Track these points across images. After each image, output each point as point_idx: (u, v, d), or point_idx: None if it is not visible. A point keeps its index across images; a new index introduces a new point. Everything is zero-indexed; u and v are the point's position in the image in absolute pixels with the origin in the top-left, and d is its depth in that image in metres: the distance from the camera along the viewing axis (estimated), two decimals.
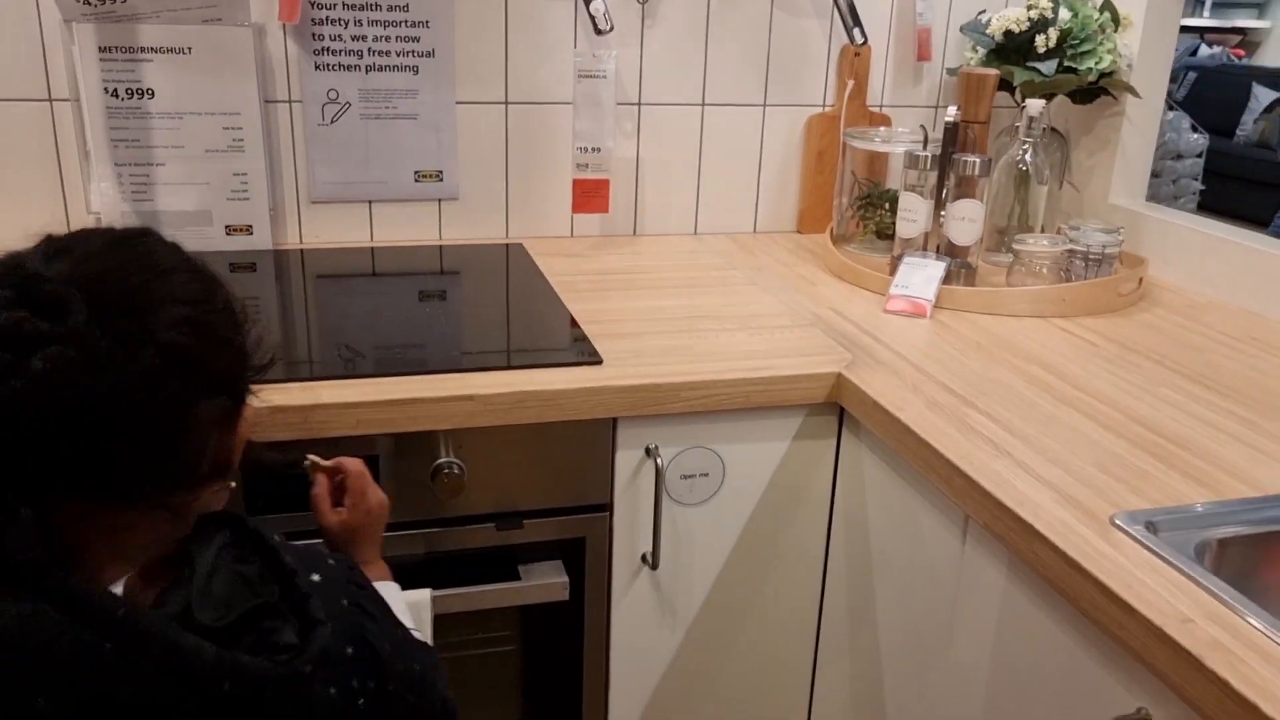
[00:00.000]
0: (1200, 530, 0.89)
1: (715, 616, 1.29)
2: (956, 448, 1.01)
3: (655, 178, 1.72)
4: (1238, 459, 1.01)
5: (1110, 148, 1.70)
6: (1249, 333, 1.38)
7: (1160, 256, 1.60)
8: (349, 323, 1.30)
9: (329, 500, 0.98)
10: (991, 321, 1.39)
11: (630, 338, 1.27)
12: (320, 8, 1.50)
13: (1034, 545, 0.88)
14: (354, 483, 0.98)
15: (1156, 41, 1.64)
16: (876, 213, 1.64)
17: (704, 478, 1.22)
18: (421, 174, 1.62)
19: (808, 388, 1.20)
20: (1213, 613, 0.77)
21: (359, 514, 0.97)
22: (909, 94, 1.79)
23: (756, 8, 1.67)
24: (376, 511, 0.99)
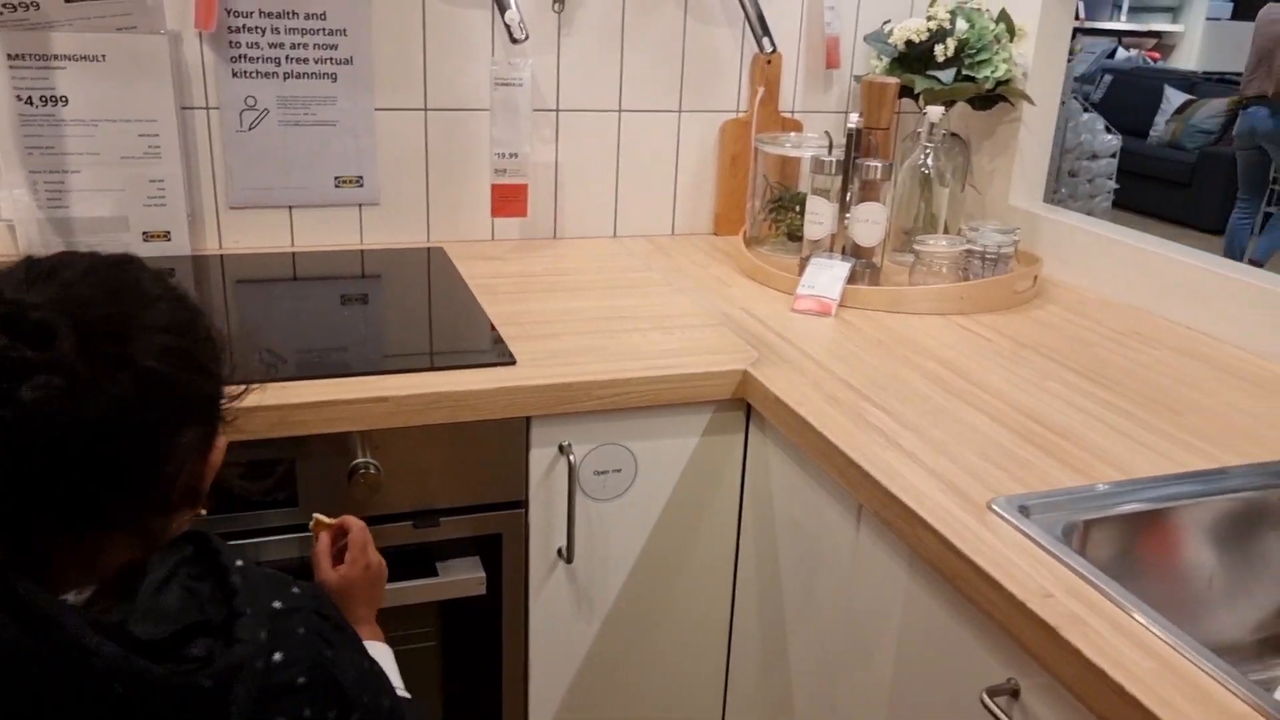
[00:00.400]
0: (1070, 513, 0.95)
1: (631, 608, 1.34)
2: (850, 440, 1.07)
3: (574, 182, 1.76)
4: (1112, 446, 1.08)
5: (1010, 152, 1.78)
6: (1135, 328, 1.46)
7: (1056, 256, 1.68)
8: (269, 326, 1.32)
9: (329, 558, 1.01)
10: (894, 319, 1.45)
11: (546, 339, 1.30)
12: (237, 15, 1.51)
13: (917, 530, 0.94)
14: (355, 538, 1.01)
15: (1050, 51, 1.72)
16: (787, 215, 1.70)
17: (617, 473, 1.26)
18: (341, 179, 1.64)
19: (715, 385, 1.25)
20: (1073, 588, 0.83)
21: (357, 570, 0.99)
22: (820, 100, 1.86)
23: (670, 16, 1.72)
24: (375, 571, 1.01)
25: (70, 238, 1.50)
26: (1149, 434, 1.11)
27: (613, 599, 1.32)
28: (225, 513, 1.13)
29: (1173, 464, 1.05)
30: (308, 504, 1.15)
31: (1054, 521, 0.93)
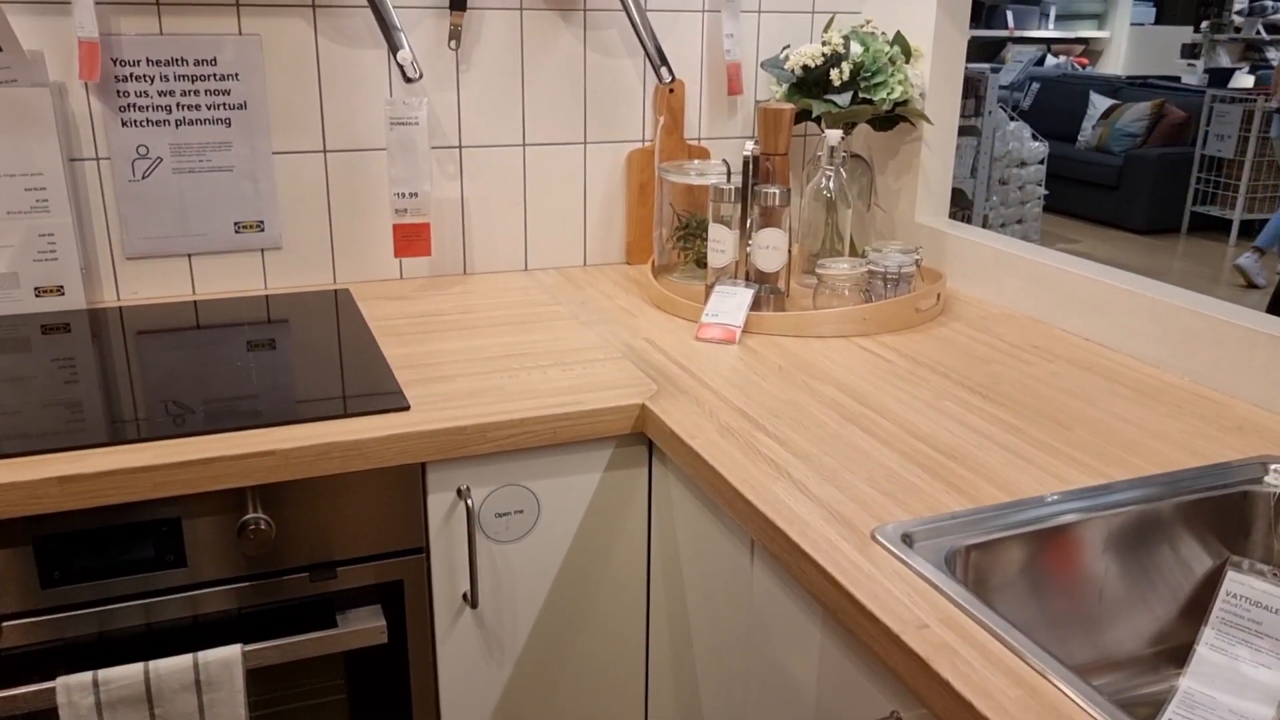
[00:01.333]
0: (954, 538, 0.95)
1: (542, 649, 1.32)
2: (740, 472, 1.07)
3: (482, 217, 1.75)
4: (998, 466, 1.09)
5: (913, 171, 1.80)
6: (1032, 341, 1.48)
7: (960, 272, 1.70)
8: (166, 380, 1.29)
9: None
10: (798, 344, 1.46)
11: (443, 380, 1.29)
12: (123, 64, 1.49)
13: (801, 563, 0.94)
14: None
15: (946, 70, 1.74)
16: (695, 243, 1.70)
17: (519, 514, 1.25)
18: (242, 225, 1.62)
19: (613, 420, 1.24)
20: (948, 618, 0.83)
21: None
22: (725, 126, 1.87)
23: (569, 50, 1.72)
24: None
25: None
26: (1037, 450, 1.13)
27: (523, 641, 1.31)
28: (111, 576, 1.10)
29: (1058, 481, 1.06)
30: (198, 563, 1.13)
31: (937, 548, 0.94)
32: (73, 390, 1.25)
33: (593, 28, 1.73)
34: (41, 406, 1.19)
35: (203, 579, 1.14)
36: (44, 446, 1.08)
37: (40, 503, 1.03)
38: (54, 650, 1.11)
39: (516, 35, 1.69)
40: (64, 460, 1.06)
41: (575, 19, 1.71)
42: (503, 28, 1.68)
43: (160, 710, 1.10)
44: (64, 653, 1.11)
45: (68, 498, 1.04)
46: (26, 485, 1.02)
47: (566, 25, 1.71)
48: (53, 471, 1.03)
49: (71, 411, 1.18)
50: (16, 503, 1.02)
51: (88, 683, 1.07)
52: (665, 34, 1.76)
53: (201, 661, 1.10)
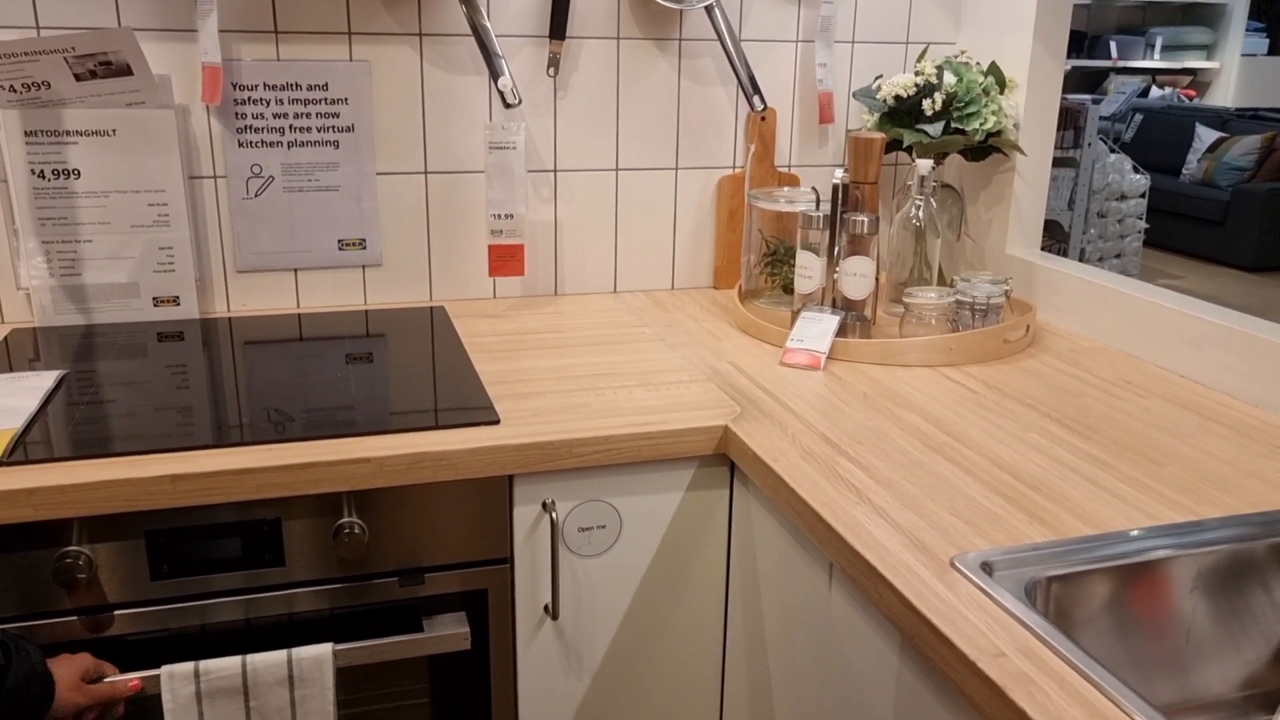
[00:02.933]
0: (1034, 569, 0.95)
1: (620, 663, 1.34)
2: (821, 495, 1.08)
3: (574, 240, 1.80)
4: (1084, 499, 1.08)
5: (1005, 202, 1.79)
6: (1124, 376, 1.45)
7: (1050, 304, 1.68)
8: (273, 387, 1.35)
9: None
10: (883, 372, 1.46)
11: (532, 397, 1.33)
12: (242, 89, 1.58)
13: (880, 587, 0.94)
14: None
15: (1041, 101, 1.73)
16: (782, 269, 1.72)
17: (601, 530, 1.28)
18: (345, 242, 1.69)
19: (696, 441, 1.26)
20: (1026, 647, 0.83)
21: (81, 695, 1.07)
22: (815, 154, 1.88)
23: (664, 78, 1.76)
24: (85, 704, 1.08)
25: (84, 304, 1.56)
26: (1124, 485, 1.11)
27: (601, 655, 1.33)
28: (215, 571, 1.16)
29: (1144, 516, 1.04)
30: (295, 563, 1.18)
31: (1018, 578, 0.93)
32: (184, 395, 1.32)
33: (687, 56, 1.77)
34: (155, 409, 1.26)
35: (298, 578, 1.19)
36: (157, 446, 1.15)
37: (153, 498, 1.09)
38: (159, 640, 1.17)
39: (613, 63, 1.73)
40: (176, 460, 1.12)
41: (670, 48, 1.75)
42: (600, 56, 1.72)
43: (255, 703, 1.15)
44: (168, 643, 1.17)
45: (178, 495, 1.10)
46: (141, 482, 1.09)
47: (662, 54, 1.75)
48: (165, 470, 1.10)
49: (182, 415, 1.25)
50: (132, 498, 1.09)
51: (189, 672, 1.12)
52: (758, 63, 1.79)
53: (295, 658, 1.15)
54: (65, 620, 1.13)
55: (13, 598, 1.11)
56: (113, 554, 1.12)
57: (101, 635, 1.14)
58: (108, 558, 1.12)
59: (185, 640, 1.18)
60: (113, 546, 1.12)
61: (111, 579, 1.13)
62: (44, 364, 1.40)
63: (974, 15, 1.84)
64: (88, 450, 1.13)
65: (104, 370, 1.39)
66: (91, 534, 1.11)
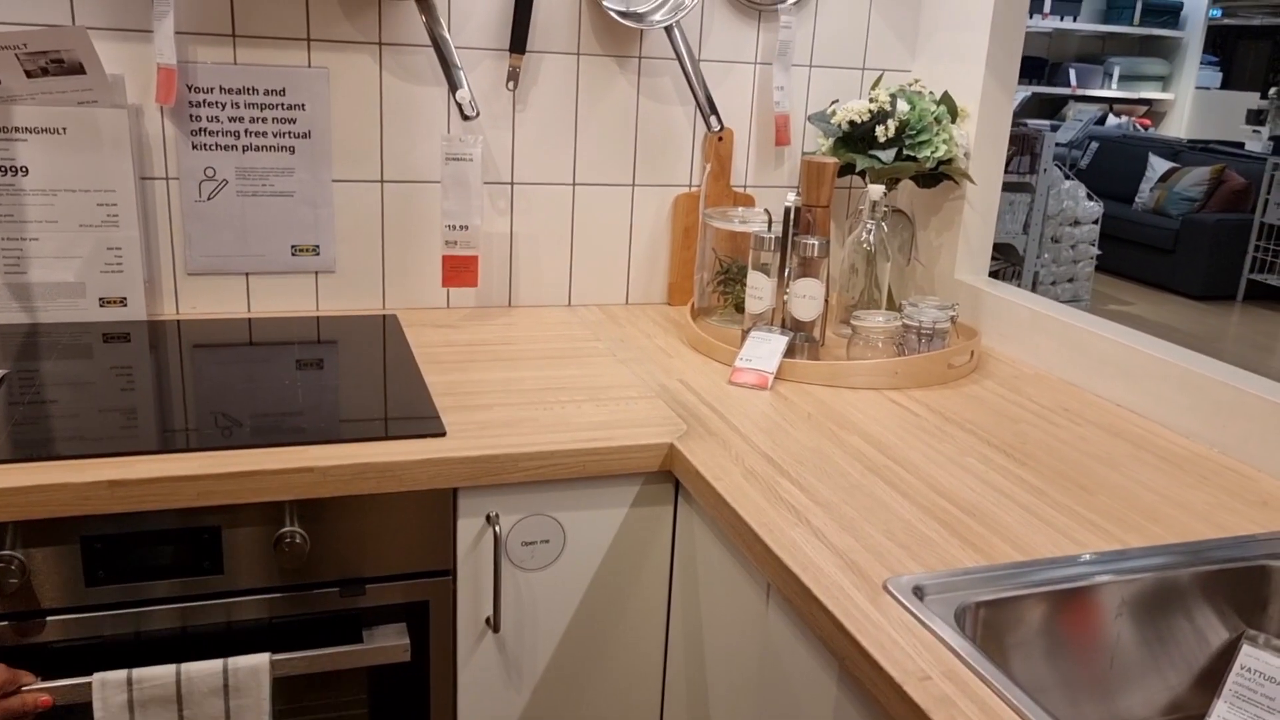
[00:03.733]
0: (964, 593, 0.97)
1: (561, 677, 1.35)
2: (760, 516, 1.09)
3: (529, 252, 1.80)
4: (1017, 525, 1.10)
5: (954, 228, 1.82)
6: (1063, 404, 1.49)
7: (997, 330, 1.72)
8: (216, 392, 1.35)
9: None
10: (829, 394, 1.48)
11: (480, 409, 1.33)
12: (198, 91, 1.57)
13: (812, 608, 0.96)
14: None
15: (991, 131, 1.77)
16: (735, 288, 1.73)
17: (545, 544, 1.29)
18: (299, 248, 1.68)
19: (642, 457, 1.27)
20: (951, 671, 0.85)
21: None
22: (771, 175, 1.90)
23: (623, 95, 1.78)
24: None
25: (28, 303, 1.54)
26: (1057, 513, 1.14)
27: (542, 669, 1.33)
28: (152, 579, 1.15)
29: (1075, 544, 1.07)
30: (234, 571, 1.17)
31: (948, 602, 0.95)
32: (128, 397, 1.30)
33: (646, 75, 1.78)
34: (98, 411, 1.25)
35: (238, 587, 1.18)
36: (97, 450, 1.14)
37: (90, 504, 1.08)
38: (91, 647, 1.16)
39: (572, 79, 1.74)
40: (115, 465, 1.11)
41: (630, 65, 1.77)
42: (560, 71, 1.73)
43: (189, 712, 1.14)
44: (101, 650, 1.16)
45: (116, 500, 1.09)
46: (78, 486, 1.08)
47: (621, 71, 1.77)
48: (104, 475, 1.09)
49: (126, 418, 1.24)
50: (68, 502, 1.08)
51: (122, 680, 1.11)
52: (717, 84, 1.81)
53: (231, 667, 1.14)
54: None
55: None
56: (46, 559, 1.11)
57: (32, 641, 1.13)
58: (41, 563, 1.11)
59: (119, 648, 1.17)
60: (46, 552, 1.11)
61: (44, 584, 1.12)
62: None
63: (928, 45, 1.87)
64: (25, 453, 1.12)
65: (47, 370, 1.38)
66: (25, 538, 1.10)
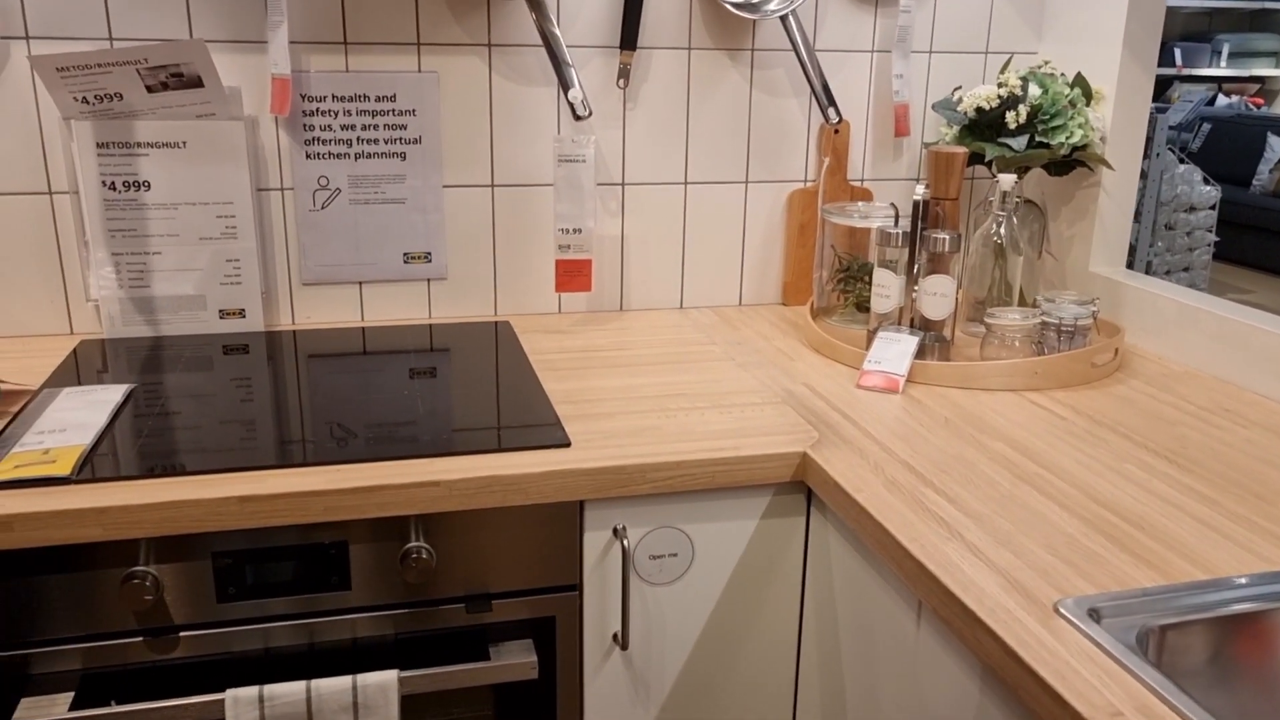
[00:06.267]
0: (1144, 616, 0.89)
1: (689, 694, 1.30)
2: (909, 530, 1.02)
3: (640, 255, 1.76)
4: (1192, 539, 1.02)
5: (1089, 218, 1.72)
6: (1221, 404, 1.38)
7: (1139, 326, 1.61)
8: (338, 401, 1.33)
9: None
10: (964, 396, 1.40)
11: (602, 418, 1.29)
12: (311, 100, 1.56)
13: (977, 632, 0.89)
14: None
15: (1130, 113, 1.67)
16: (856, 286, 1.66)
17: (673, 557, 1.24)
18: (410, 255, 1.67)
19: (773, 468, 1.22)
20: (1143, 704, 0.77)
21: None
22: (890, 168, 1.83)
23: (735, 89, 1.72)
24: None
25: (151, 316, 1.56)
26: (1234, 525, 1.05)
27: (670, 686, 1.29)
28: (281, 594, 1.14)
29: (1260, 560, 0.98)
30: (360, 587, 1.15)
31: (1127, 626, 0.88)
32: (248, 409, 1.30)
33: (760, 67, 1.72)
34: (220, 424, 1.25)
35: (364, 603, 1.16)
36: (224, 465, 1.13)
37: (221, 519, 1.07)
38: (222, 663, 1.15)
39: (684, 74, 1.69)
40: (243, 480, 1.10)
41: (743, 58, 1.71)
42: (670, 67, 1.68)
43: None
44: (231, 667, 1.15)
45: (246, 516, 1.08)
46: (210, 502, 1.06)
47: (734, 65, 1.71)
48: (233, 491, 1.07)
49: (247, 430, 1.23)
50: (200, 519, 1.07)
51: (254, 697, 1.10)
52: (833, 74, 1.74)
53: (360, 684, 1.12)
54: (132, 641, 1.11)
55: (79, 617, 1.09)
56: (179, 575, 1.10)
57: (167, 658, 1.12)
58: (174, 579, 1.10)
59: (248, 664, 1.16)
60: (179, 568, 1.10)
61: (177, 601, 1.11)
62: (112, 376, 1.39)
63: (1057, 24, 1.77)
64: (156, 467, 1.11)
65: (170, 383, 1.38)
66: (159, 554, 1.09)
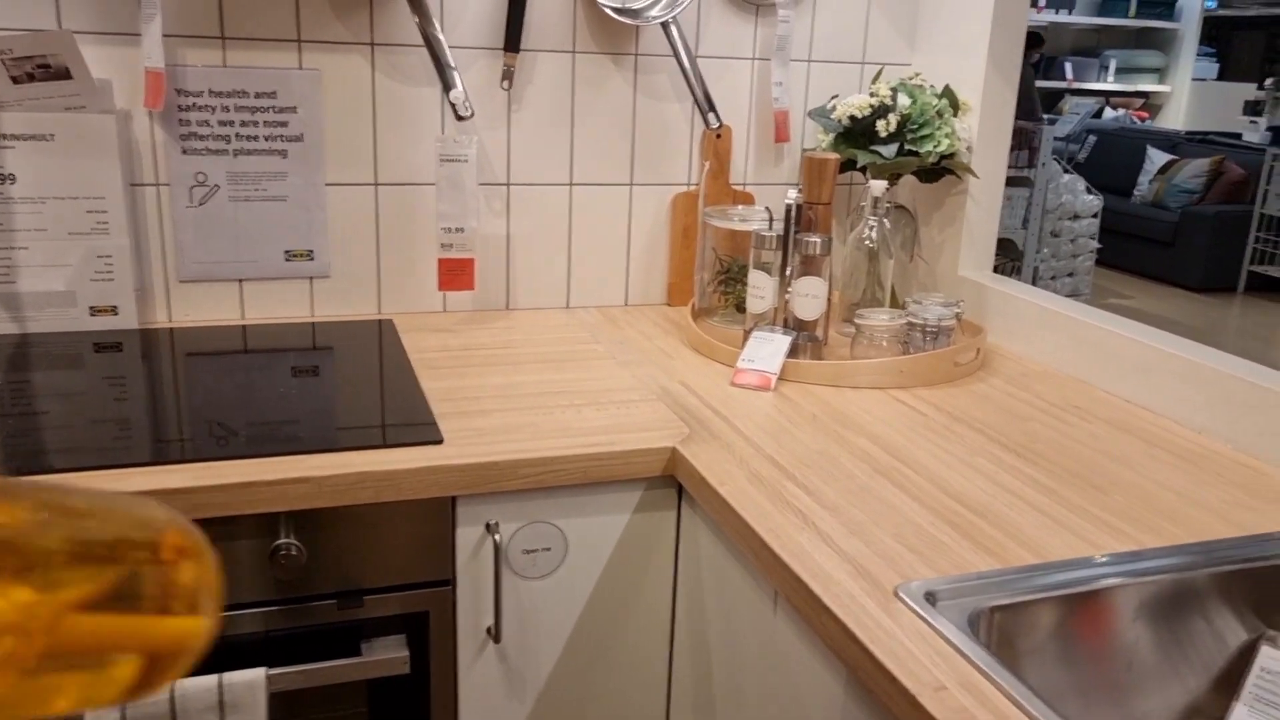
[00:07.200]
0: (978, 598, 0.94)
1: (564, 687, 1.32)
2: (767, 521, 1.06)
3: (526, 255, 1.78)
4: (1030, 527, 1.08)
5: (957, 223, 1.80)
6: (1072, 401, 1.46)
7: (1002, 327, 1.69)
8: (211, 401, 1.32)
9: None
10: (833, 394, 1.46)
11: (478, 415, 1.31)
12: (187, 95, 1.54)
13: (822, 616, 0.93)
14: None
15: (994, 124, 1.74)
16: (736, 287, 1.71)
17: (546, 552, 1.26)
18: (292, 253, 1.66)
19: (644, 463, 1.25)
20: (968, 680, 0.82)
21: None
22: (771, 173, 1.88)
23: (619, 93, 1.75)
24: None
25: (18, 313, 1.52)
26: (1070, 513, 1.11)
27: (544, 678, 1.31)
28: None
29: (1090, 546, 1.04)
30: (228, 584, 1.15)
31: (962, 608, 0.93)
32: (120, 408, 1.28)
33: (643, 72, 1.76)
34: (90, 423, 1.23)
35: (232, 600, 1.16)
36: (88, 463, 1.11)
37: None
38: None
39: (568, 77, 1.72)
40: (107, 477, 1.09)
41: (626, 63, 1.74)
42: (555, 70, 1.71)
43: None
44: None
45: None
46: None
47: (617, 69, 1.74)
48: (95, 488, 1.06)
49: (119, 428, 1.21)
50: None
51: None
52: (715, 80, 1.79)
53: (226, 683, 1.12)
54: None
55: None
56: None
57: None
58: None
59: None
60: None
61: None
62: None
63: (928, 38, 1.85)
64: (15, 466, 1.09)
65: (37, 381, 1.35)
66: None
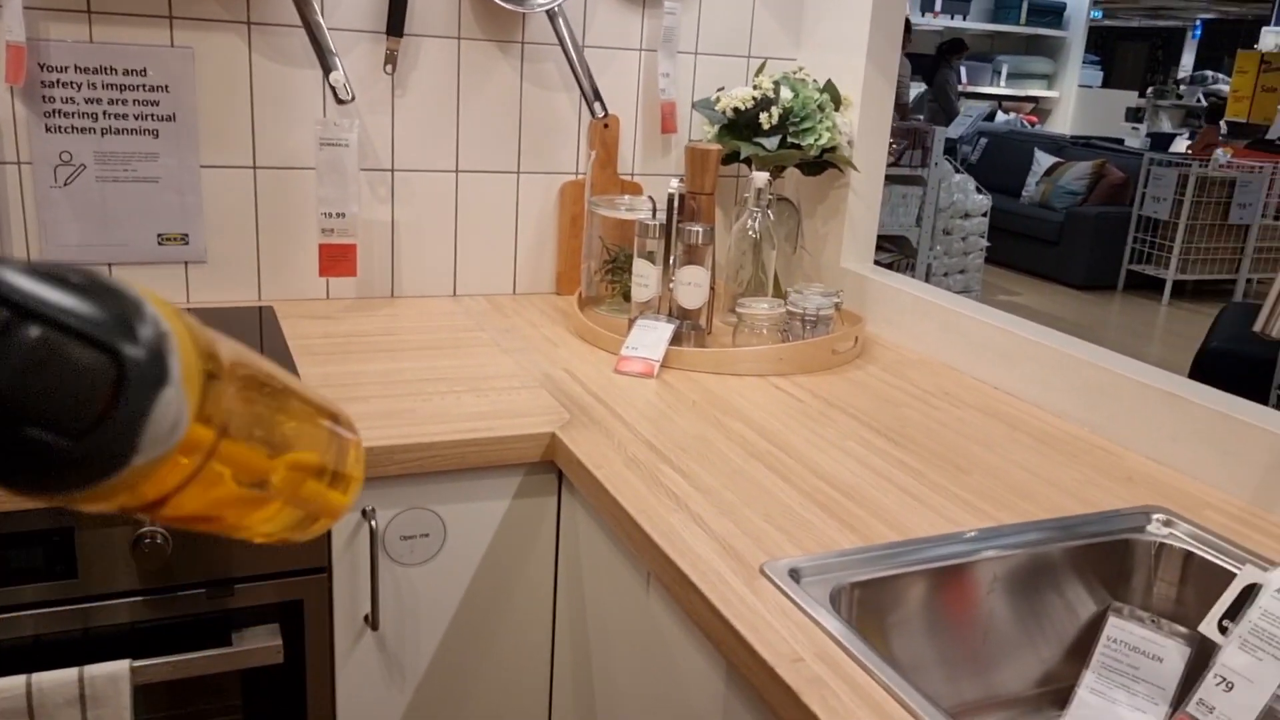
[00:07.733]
0: (839, 575, 0.97)
1: (444, 674, 1.32)
2: (640, 503, 1.08)
3: (412, 241, 1.76)
4: (894, 506, 1.11)
5: (840, 216, 1.84)
6: (944, 387, 1.51)
7: (881, 317, 1.74)
8: None
9: None
10: (715, 381, 1.48)
11: (357, 401, 1.29)
12: (50, 70, 1.48)
13: (690, 594, 0.95)
14: None
15: (874, 119, 1.79)
16: (623, 276, 1.72)
17: (425, 538, 1.25)
18: (165, 237, 1.61)
19: (523, 448, 1.25)
20: (823, 652, 0.85)
21: None
22: (659, 164, 1.90)
23: (506, 81, 1.74)
24: None
25: None
26: (933, 493, 1.15)
27: (424, 665, 1.30)
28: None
29: (949, 523, 1.08)
30: (89, 575, 1.11)
31: (824, 584, 0.95)
32: None
33: (530, 60, 1.75)
34: None
35: (94, 592, 1.12)
36: None
37: None
38: None
39: (453, 63, 1.70)
40: None
41: (513, 50, 1.74)
42: (440, 55, 1.69)
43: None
44: None
45: None
46: None
47: (504, 56, 1.73)
48: None
49: None
50: None
51: None
52: (602, 70, 1.79)
53: (87, 676, 1.08)
54: None
55: None
56: None
57: None
58: None
59: None
60: None
61: None
62: None
63: (812, 34, 1.89)
64: None
65: None
66: None
